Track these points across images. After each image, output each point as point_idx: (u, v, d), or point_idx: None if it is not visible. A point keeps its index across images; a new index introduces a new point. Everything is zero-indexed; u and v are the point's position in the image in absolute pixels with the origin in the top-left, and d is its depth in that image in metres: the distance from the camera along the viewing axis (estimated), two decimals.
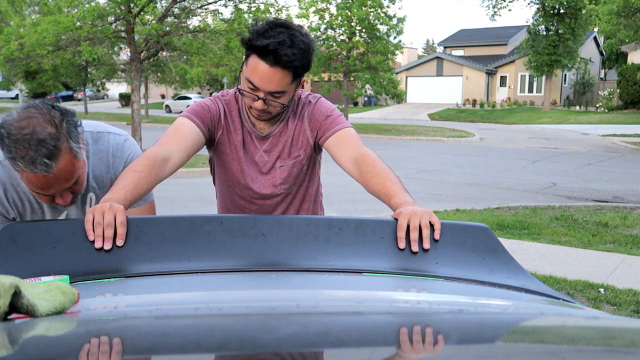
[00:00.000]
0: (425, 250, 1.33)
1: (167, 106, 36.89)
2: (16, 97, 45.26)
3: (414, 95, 39.68)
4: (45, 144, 1.32)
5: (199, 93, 42.02)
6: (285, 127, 1.75)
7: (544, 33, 29.64)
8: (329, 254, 1.32)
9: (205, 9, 13.87)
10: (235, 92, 1.77)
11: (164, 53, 14.98)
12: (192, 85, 33.08)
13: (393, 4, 22.68)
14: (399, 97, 24.11)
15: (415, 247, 1.33)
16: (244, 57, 1.63)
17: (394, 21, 22.57)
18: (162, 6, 13.89)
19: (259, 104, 1.59)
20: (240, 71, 1.63)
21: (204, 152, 1.83)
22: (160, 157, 1.53)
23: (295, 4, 39.57)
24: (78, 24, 12.60)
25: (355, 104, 37.82)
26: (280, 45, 1.50)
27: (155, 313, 0.89)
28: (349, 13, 22.39)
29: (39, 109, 1.36)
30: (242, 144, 1.75)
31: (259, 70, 1.54)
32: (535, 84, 36.36)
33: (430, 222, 1.36)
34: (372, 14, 22.30)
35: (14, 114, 1.36)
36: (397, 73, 32.64)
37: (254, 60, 1.54)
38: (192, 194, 8.52)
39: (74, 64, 16.04)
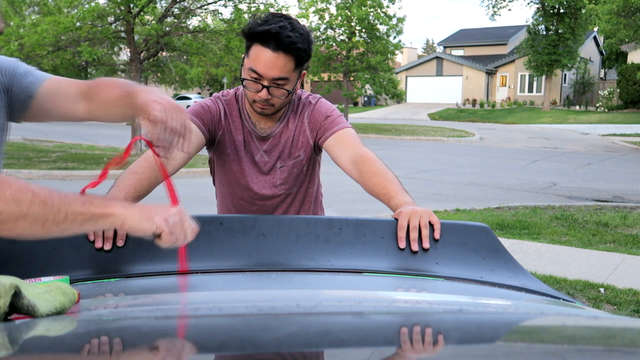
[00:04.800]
0: (425, 250, 1.33)
1: None
2: None
3: (414, 95, 39.67)
4: None
5: (199, 93, 41.98)
6: (286, 127, 1.75)
7: (544, 33, 29.64)
8: (329, 254, 1.32)
9: (205, 9, 13.86)
10: (236, 92, 1.77)
11: (164, 53, 14.95)
12: (192, 85, 33.00)
13: (393, 3, 22.65)
14: (398, 97, 24.10)
15: (415, 247, 1.33)
16: (242, 55, 1.63)
17: (394, 21, 22.55)
18: (161, 6, 13.87)
19: (263, 94, 1.58)
20: (242, 66, 1.62)
21: (204, 152, 1.83)
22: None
23: (295, 4, 39.62)
24: (78, 24, 12.57)
25: (355, 104, 37.81)
26: (282, 29, 1.51)
27: (156, 313, 0.89)
28: (349, 13, 22.37)
29: None
30: (242, 144, 1.75)
31: (262, 57, 1.54)
32: (535, 83, 36.36)
33: (430, 222, 1.36)
34: (371, 13, 22.28)
35: None
36: (397, 73, 32.62)
37: (257, 48, 1.55)
38: (192, 194, 8.51)
39: (74, 64, 16.00)
